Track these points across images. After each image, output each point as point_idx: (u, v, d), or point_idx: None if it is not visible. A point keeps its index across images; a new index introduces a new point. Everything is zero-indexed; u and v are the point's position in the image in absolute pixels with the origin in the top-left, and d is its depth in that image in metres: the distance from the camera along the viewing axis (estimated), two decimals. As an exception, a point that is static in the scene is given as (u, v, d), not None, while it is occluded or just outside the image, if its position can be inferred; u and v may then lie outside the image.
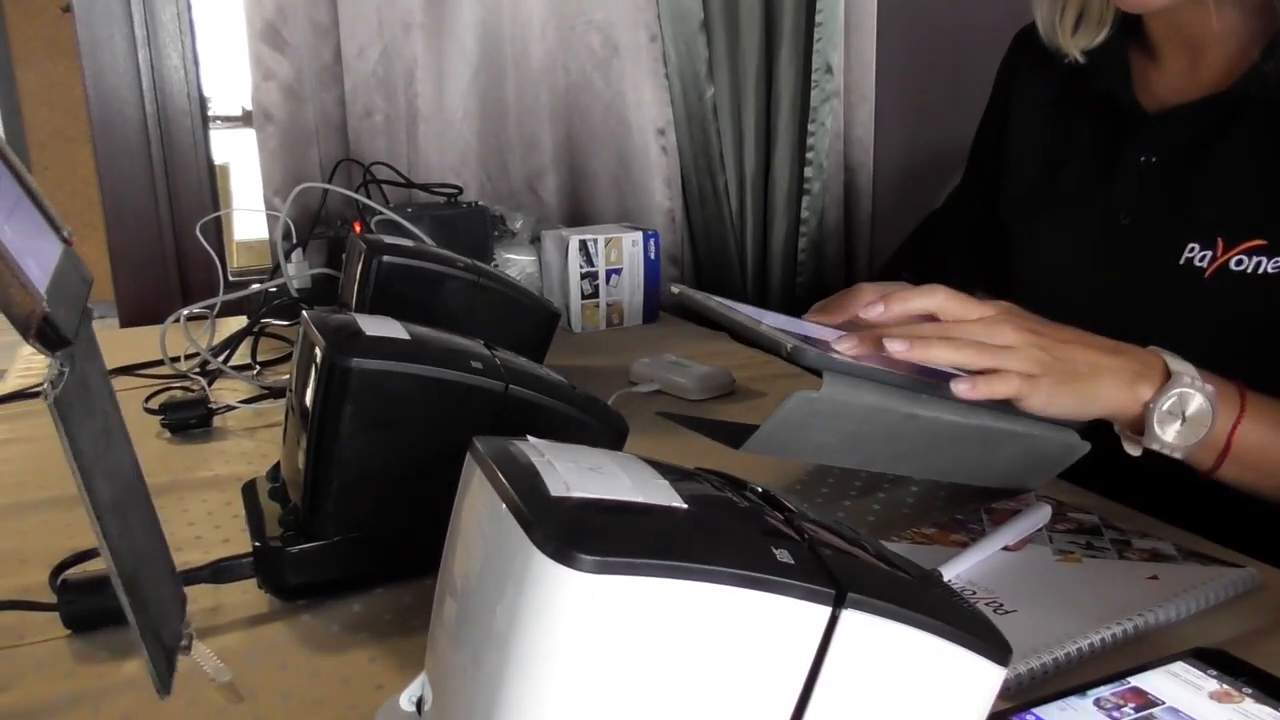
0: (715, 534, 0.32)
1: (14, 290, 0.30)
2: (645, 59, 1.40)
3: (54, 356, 0.32)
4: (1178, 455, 0.58)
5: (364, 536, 0.53)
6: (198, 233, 1.09)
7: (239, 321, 1.07)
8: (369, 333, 0.54)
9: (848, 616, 0.31)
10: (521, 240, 1.25)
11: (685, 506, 0.32)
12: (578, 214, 1.46)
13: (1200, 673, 0.43)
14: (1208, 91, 0.70)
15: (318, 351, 0.51)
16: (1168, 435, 0.57)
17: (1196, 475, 0.61)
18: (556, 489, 0.31)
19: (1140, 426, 0.57)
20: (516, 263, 1.21)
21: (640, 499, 0.32)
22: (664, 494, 0.32)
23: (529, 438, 0.36)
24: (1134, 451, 0.59)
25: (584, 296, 1.16)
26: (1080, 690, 0.42)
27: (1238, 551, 0.57)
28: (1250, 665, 0.43)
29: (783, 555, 0.31)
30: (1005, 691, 0.44)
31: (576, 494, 0.31)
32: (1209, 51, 0.72)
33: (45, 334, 0.31)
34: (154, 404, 0.83)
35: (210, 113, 1.42)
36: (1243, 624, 0.50)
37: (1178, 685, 0.42)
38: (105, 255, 1.29)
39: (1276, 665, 0.44)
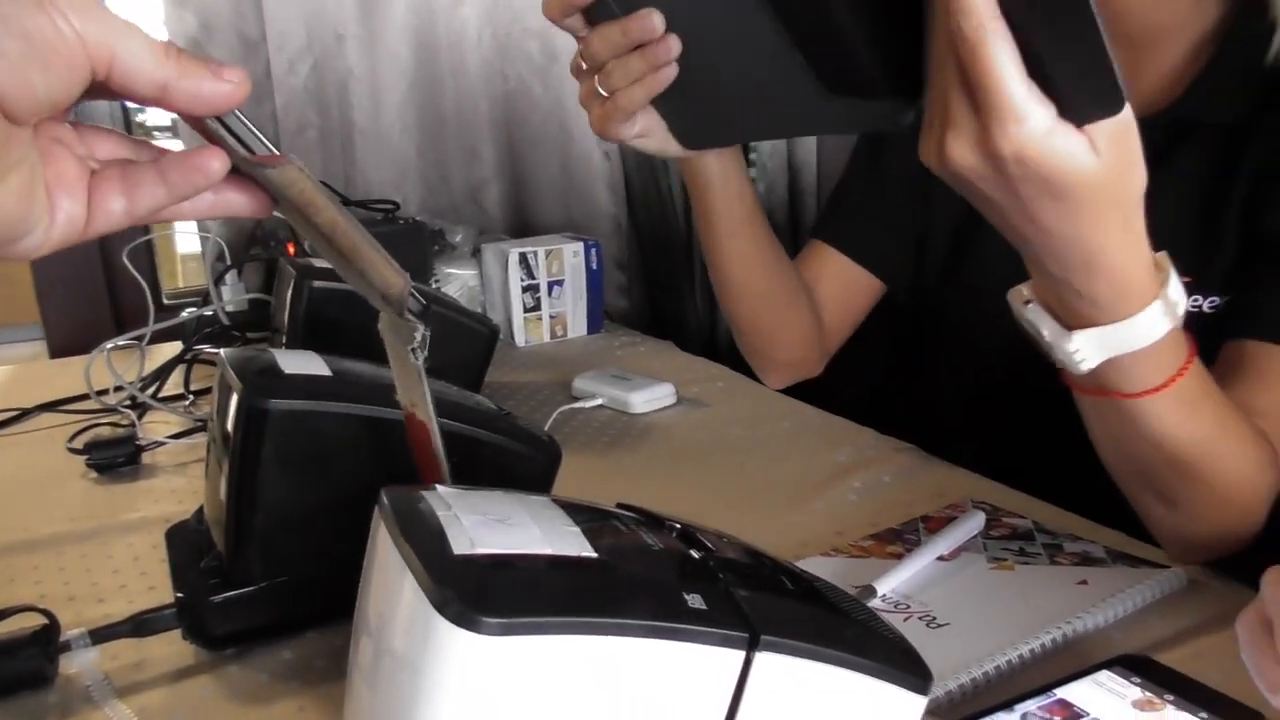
0: (625, 583, 0.31)
1: (391, 274, 0.38)
2: (583, 65, 1.39)
3: (423, 324, 0.39)
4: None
5: (291, 580, 0.52)
6: (124, 259, 1.06)
7: (175, 348, 1.04)
8: (288, 370, 0.52)
9: (761, 659, 0.31)
10: (463, 254, 1.23)
11: (595, 555, 0.32)
12: (523, 223, 1.45)
13: (1124, 681, 0.43)
14: (1146, 111, 0.65)
15: (234, 395, 0.50)
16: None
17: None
18: (461, 546, 0.30)
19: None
20: (458, 277, 1.19)
21: (549, 550, 0.31)
22: (574, 543, 0.32)
23: (437, 487, 0.35)
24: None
25: (526, 310, 1.15)
26: (1007, 705, 0.42)
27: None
28: (1173, 671, 0.44)
29: (694, 601, 0.31)
30: (937, 708, 0.44)
31: (481, 550, 0.30)
32: (1150, 57, 0.67)
33: (415, 307, 0.38)
34: (78, 443, 0.80)
35: (138, 121, 1.38)
36: (1169, 625, 0.51)
37: (1102, 695, 0.42)
38: (31, 283, 1.25)
39: (1202, 664, 0.45)
